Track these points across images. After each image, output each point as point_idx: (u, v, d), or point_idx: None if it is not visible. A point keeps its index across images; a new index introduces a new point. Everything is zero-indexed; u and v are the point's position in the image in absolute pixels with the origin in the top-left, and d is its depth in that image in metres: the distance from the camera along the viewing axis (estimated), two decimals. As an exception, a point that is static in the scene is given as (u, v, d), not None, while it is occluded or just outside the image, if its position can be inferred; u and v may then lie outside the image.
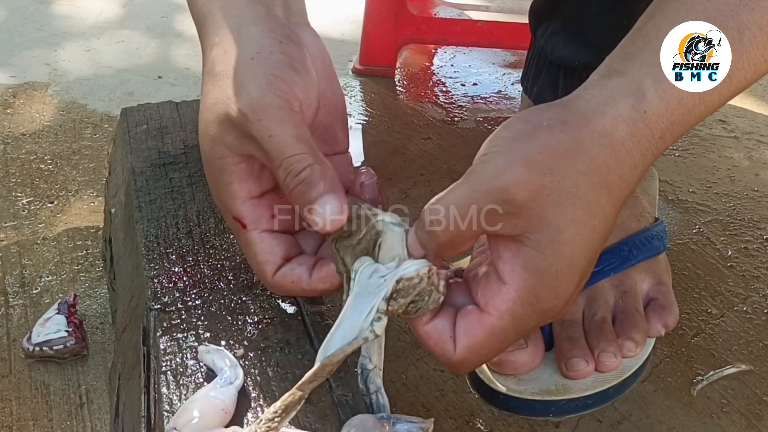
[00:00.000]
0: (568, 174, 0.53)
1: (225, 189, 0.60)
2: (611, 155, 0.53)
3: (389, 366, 0.81)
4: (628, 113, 0.53)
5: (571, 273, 0.54)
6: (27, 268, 0.98)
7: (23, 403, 0.81)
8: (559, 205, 0.52)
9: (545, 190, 0.52)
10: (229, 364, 0.61)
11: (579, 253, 0.53)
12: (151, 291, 0.70)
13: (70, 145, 1.22)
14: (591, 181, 0.53)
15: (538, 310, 0.54)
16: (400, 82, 1.44)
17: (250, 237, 0.60)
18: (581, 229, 0.53)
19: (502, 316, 0.54)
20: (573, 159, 0.53)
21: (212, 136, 0.59)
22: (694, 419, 0.78)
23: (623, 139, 0.53)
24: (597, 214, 0.53)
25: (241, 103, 0.57)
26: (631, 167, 0.54)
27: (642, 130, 0.54)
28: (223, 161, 0.59)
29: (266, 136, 0.56)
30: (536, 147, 0.53)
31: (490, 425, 0.77)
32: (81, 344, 0.85)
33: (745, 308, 0.92)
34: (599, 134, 0.53)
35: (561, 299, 0.54)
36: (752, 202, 1.10)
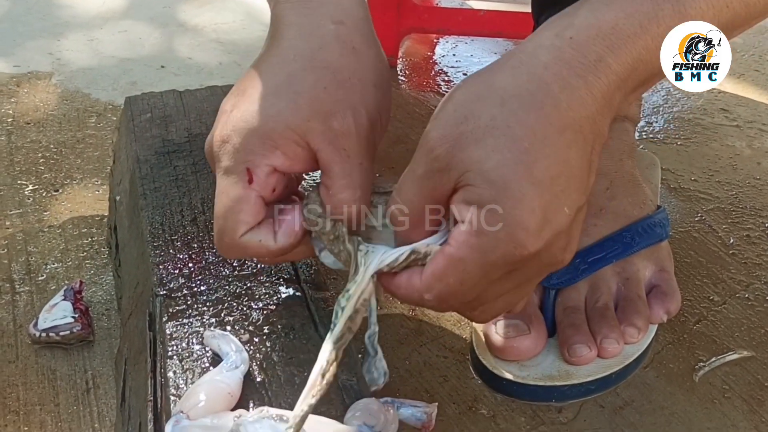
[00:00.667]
0: (483, 112, 0.53)
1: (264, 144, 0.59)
2: (530, 80, 0.53)
3: (392, 352, 0.82)
4: (550, 42, 0.53)
5: (513, 198, 0.52)
6: (33, 255, 0.98)
7: (30, 389, 0.81)
8: (478, 141, 0.52)
9: (464, 135, 0.53)
10: (234, 349, 0.61)
11: (513, 177, 0.52)
12: (157, 277, 0.71)
13: (75, 134, 1.23)
14: (509, 109, 0.52)
15: (493, 239, 0.53)
16: (402, 72, 1.44)
17: (247, 194, 0.59)
18: (506, 154, 0.52)
19: (459, 246, 0.54)
20: (486, 99, 0.53)
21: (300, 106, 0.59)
22: (696, 405, 0.79)
23: (545, 64, 0.53)
24: (524, 137, 0.52)
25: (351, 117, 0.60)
26: (564, 87, 0.53)
27: (568, 54, 0.53)
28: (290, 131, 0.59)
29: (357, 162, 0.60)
30: (451, 105, 0.54)
31: (492, 410, 0.77)
32: (87, 330, 0.86)
33: (747, 295, 0.92)
34: (512, 66, 0.53)
35: (514, 227, 0.52)
36: (754, 190, 1.11)
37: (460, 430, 0.75)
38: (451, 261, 0.54)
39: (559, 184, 0.53)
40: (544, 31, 0.55)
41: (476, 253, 0.54)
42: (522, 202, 0.52)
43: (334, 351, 0.55)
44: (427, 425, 0.60)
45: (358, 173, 0.59)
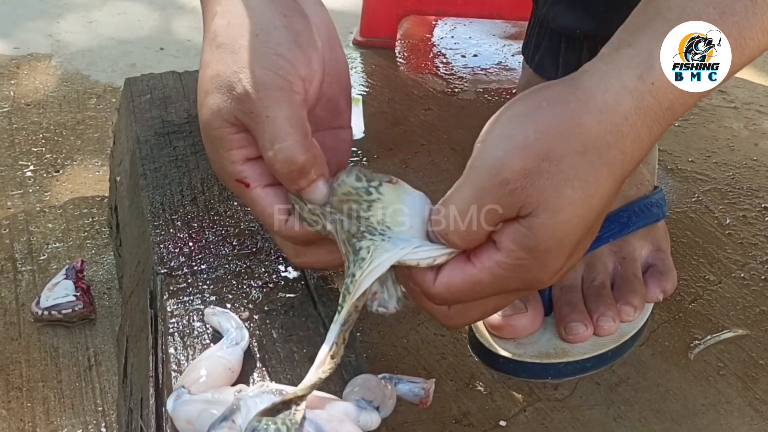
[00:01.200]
0: (566, 156, 0.52)
1: (224, 156, 0.60)
2: (611, 132, 0.52)
3: (391, 331, 0.83)
4: (634, 85, 0.53)
5: (562, 250, 0.54)
6: (34, 235, 0.99)
7: (33, 365, 0.82)
8: (557, 188, 0.52)
9: (543, 175, 0.52)
10: (234, 326, 0.62)
11: (572, 232, 0.53)
12: (158, 256, 0.72)
13: (75, 116, 1.23)
14: (590, 161, 0.52)
15: (521, 278, 0.54)
16: (400, 54, 1.44)
17: (254, 193, 0.61)
18: (578, 209, 0.53)
19: (483, 270, 0.54)
20: (570, 140, 0.52)
21: (210, 106, 0.59)
22: (691, 382, 0.80)
23: (627, 113, 0.52)
24: (596, 194, 0.53)
25: (243, 81, 0.57)
26: (635, 141, 0.53)
27: (648, 102, 0.53)
28: (221, 130, 0.59)
29: (263, 115, 0.57)
30: (533, 132, 0.53)
31: (489, 387, 0.78)
32: (89, 308, 0.87)
33: (743, 275, 0.93)
34: (600, 110, 0.53)
35: (547, 272, 0.54)
36: (751, 171, 1.11)
37: (458, 406, 0.76)
38: (470, 282, 0.55)
39: (593, 232, 0.56)
40: (626, 68, 0.53)
41: (497, 282, 0.55)
42: (567, 252, 0.54)
43: (342, 333, 0.56)
44: (425, 401, 0.61)
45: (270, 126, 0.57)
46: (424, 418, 0.75)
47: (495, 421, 0.75)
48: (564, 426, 0.75)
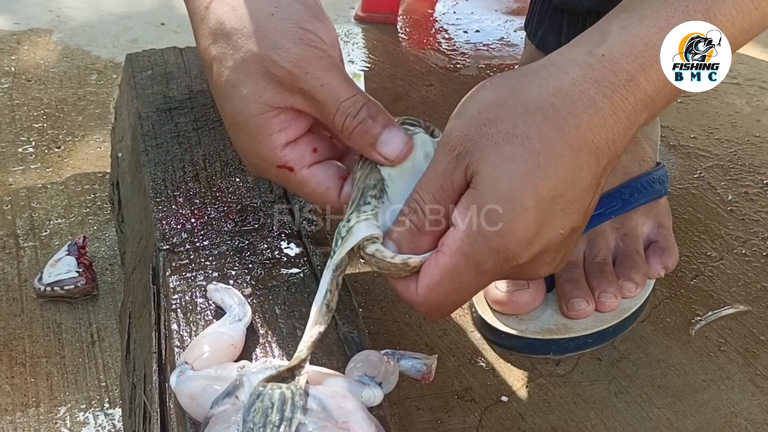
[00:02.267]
0: (506, 118, 0.53)
1: (263, 143, 0.60)
2: (556, 94, 0.52)
3: (393, 306, 0.83)
4: (582, 58, 0.53)
5: (513, 210, 0.52)
6: (36, 211, 0.99)
7: (36, 341, 0.83)
8: (496, 145, 0.52)
9: (484, 137, 0.53)
10: (237, 302, 0.62)
11: (519, 189, 0.52)
12: (160, 232, 0.72)
13: (76, 91, 1.23)
14: (532, 120, 0.52)
15: (486, 248, 0.53)
16: (402, 29, 1.44)
17: (300, 176, 0.61)
18: (520, 164, 0.52)
19: (453, 254, 0.54)
20: (511, 105, 0.53)
21: (245, 96, 0.58)
22: (692, 358, 0.80)
23: (574, 80, 0.52)
24: (541, 151, 0.52)
25: (282, 61, 0.57)
26: (589, 107, 0.52)
27: (600, 72, 0.52)
28: (262, 117, 0.59)
29: (317, 86, 0.57)
30: (476, 105, 0.54)
31: (491, 363, 0.79)
32: (91, 284, 0.87)
33: (744, 251, 0.93)
34: (541, 78, 0.53)
35: (508, 239, 0.53)
36: (753, 147, 1.11)
37: (460, 382, 0.77)
38: (446, 271, 0.55)
39: (560, 203, 0.53)
40: (576, 46, 0.54)
41: (469, 261, 0.54)
42: (521, 215, 0.52)
43: (334, 279, 0.57)
44: (427, 377, 0.61)
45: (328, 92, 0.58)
46: (426, 394, 0.75)
47: (497, 396, 0.76)
48: (565, 401, 0.75)
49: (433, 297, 0.56)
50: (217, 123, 0.84)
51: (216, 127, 0.83)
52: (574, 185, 0.53)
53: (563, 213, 0.54)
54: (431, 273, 0.56)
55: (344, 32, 1.41)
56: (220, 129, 0.83)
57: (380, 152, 0.58)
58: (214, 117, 0.85)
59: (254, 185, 0.76)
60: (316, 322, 0.56)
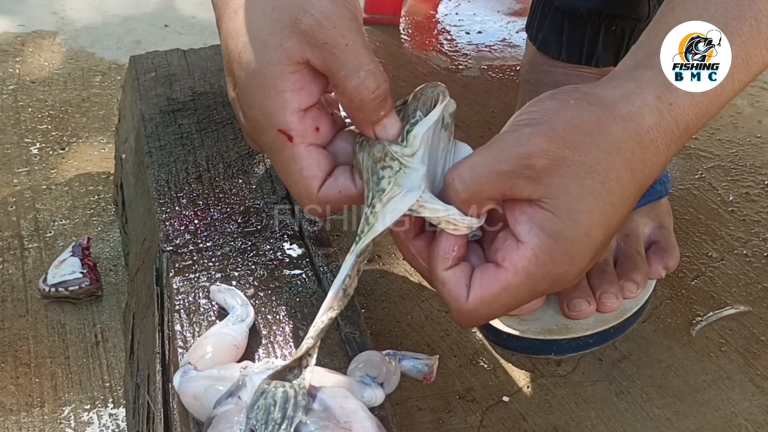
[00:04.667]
0: (591, 150, 0.53)
1: (276, 98, 0.58)
2: (635, 140, 0.54)
3: (395, 307, 0.84)
4: (655, 103, 0.54)
5: (587, 243, 0.54)
6: (41, 212, 1.00)
7: (40, 342, 0.83)
8: (578, 177, 0.53)
9: (566, 162, 0.53)
10: (240, 303, 0.63)
11: (595, 225, 0.54)
12: (163, 233, 0.72)
13: (80, 93, 1.23)
14: (613, 161, 0.54)
15: (551, 273, 0.55)
16: (404, 31, 1.44)
17: (296, 150, 0.59)
18: (599, 202, 0.54)
19: (517, 272, 0.55)
20: (596, 137, 0.54)
21: (266, 42, 0.57)
22: (693, 358, 0.80)
23: (649, 128, 0.54)
24: (617, 192, 0.54)
25: (314, 10, 0.56)
26: (655, 155, 0.55)
27: (668, 122, 0.54)
28: (279, 68, 0.57)
29: (343, 44, 0.56)
30: (561, 122, 0.54)
31: (493, 363, 0.79)
32: (95, 285, 0.88)
33: (745, 252, 0.93)
34: (624, 118, 0.54)
35: (574, 266, 0.55)
36: (755, 148, 1.11)
37: (461, 382, 0.77)
38: (505, 287, 0.56)
39: (613, 235, 0.57)
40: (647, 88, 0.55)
41: (531, 282, 0.55)
42: (591, 248, 0.55)
43: (356, 264, 0.57)
44: (429, 377, 0.61)
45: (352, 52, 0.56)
46: (428, 394, 0.76)
47: (498, 396, 0.76)
48: (566, 401, 0.76)
49: (483, 309, 0.57)
50: (220, 125, 0.84)
51: (219, 129, 0.84)
52: (625, 218, 0.57)
53: (610, 240, 0.58)
54: (488, 286, 0.56)
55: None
56: (223, 131, 0.83)
57: (378, 134, 0.58)
58: (217, 119, 0.85)
59: (257, 187, 0.77)
60: (329, 307, 0.55)
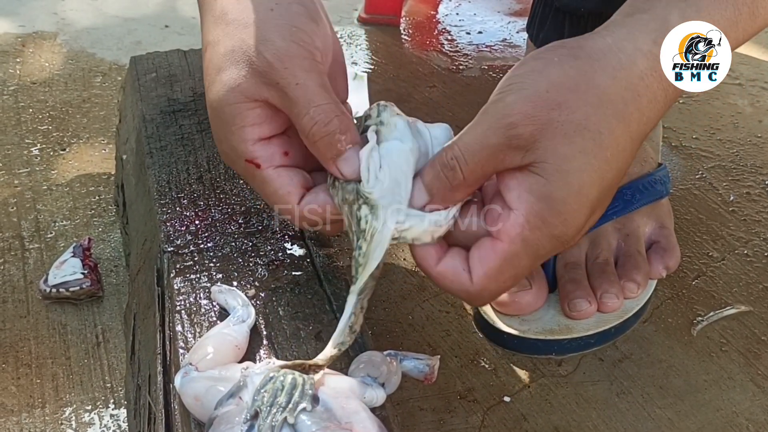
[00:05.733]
0: (579, 107, 0.53)
1: (236, 133, 0.60)
2: (628, 88, 0.53)
3: (396, 307, 0.84)
4: (648, 48, 0.54)
5: (580, 202, 0.54)
6: (41, 213, 1.00)
7: (41, 342, 0.83)
8: (567, 137, 0.53)
9: (553, 124, 0.53)
10: (241, 303, 0.63)
11: (588, 183, 0.53)
12: (164, 234, 0.72)
13: (80, 94, 1.23)
14: (604, 113, 0.53)
15: (548, 235, 0.54)
16: (405, 31, 1.44)
17: (266, 174, 0.61)
18: (591, 160, 0.53)
19: (513, 240, 0.55)
20: (583, 93, 0.53)
21: (226, 82, 0.59)
22: (694, 358, 0.80)
23: (642, 74, 0.53)
24: (610, 146, 0.53)
25: (266, 52, 0.58)
26: (651, 101, 0.54)
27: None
28: (237, 106, 0.59)
29: (293, 83, 0.57)
30: (545, 84, 0.53)
31: (494, 364, 0.79)
32: (96, 286, 0.88)
33: (746, 251, 0.93)
34: (614, 67, 0.53)
35: (570, 227, 0.54)
36: (755, 148, 1.11)
37: (462, 382, 0.77)
38: (506, 259, 0.55)
39: (612, 191, 0.56)
40: (640, 33, 0.54)
41: (529, 247, 0.55)
42: (585, 206, 0.54)
43: (359, 302, 0.57)
44: (430, 377, 0.61)
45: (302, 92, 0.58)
46: (429, 395, 0.76)
47: (499, 397, 0.76)
48: (567, 402, 0.76)
49: (492, 284, 0.56)
50: (221, 125, 0.84)
51: (220, 130, 0.84)
52: (624, 172, 0.56)
53: (610, 197, 0.57)
54: (488, 261, 0.56)
55: (347, 34, 1.42)
56: (223, 131, 0.83)
57: (340, 169, 0.58)
58: (217, 119, 0.85)
59: (258, 187, 0.77)
60: (337, 342, 0.57)
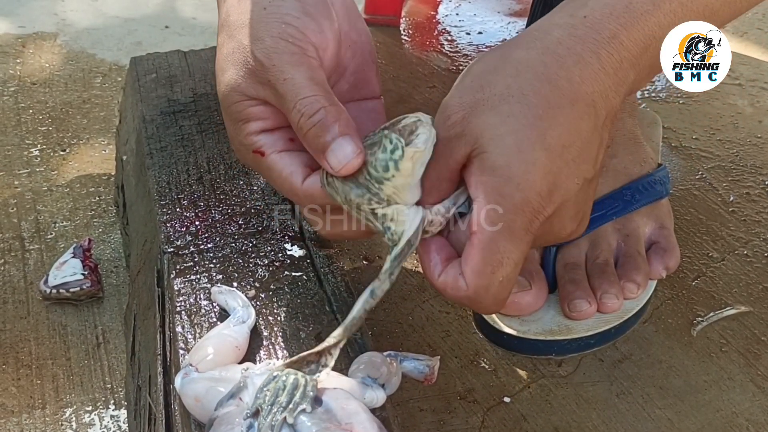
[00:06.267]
0: (499, 81, 0.54)
1: (241, 128, 0.61)
2: (545, 53, 0.54)
3: (396, 308, 0.84)
4: (564, 20, 0.55)
5: (525, 162, 0.53)
6: (42, 214, 1.00)
7: (42, 343, 0.83)
8: (493, 108, 0.53)
9: (479, 103, 0.54)
10: (241, 304, 0.63)
11: (526, 142, 0.53)
12: (165, 235, 0.72)
13: (81, 94, 1.24)
14: (524, 79, 0.54)
15: (510, 207, 0.54)
16: (405, 31, 1.44)
17: (270, 160, 0.60)
18: (521, 119, 0.53)
19: (482, 228, 0.54)
20: (501, 69, 0.54)
21: (227, 83, 0.60)
22: (694, 358, 0.80)
23: (559, 39, 0.54)
24: (539, 105, 0.53)
25: (257, 52, 0.58)
26: (578, 62, 0.54)
27: (582, 31, 0.54)
28: (239, 104, 0.60)
29: (281, 79, 0.57)
30: (468, 76, 0.56)
31: (494, 364, 0.79)
32: (96, 287, 0.88)
33: (746, 252, 0.93)
34: (528, 42, 0.55)
35: (526, 190, 0.53)
36: (755, 148, 1.11)
37: (462, 383, 0.77)
38: (482, 247, 0.55)
39: (570, 152, 0.54)
40: (557, 12, 0.56)
41: (502, 228, 0.54)
42: (535, 165, 0.53)
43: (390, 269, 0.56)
44: (430, 378, 0.61)
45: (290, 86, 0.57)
46: (429, 395, 0.76)
47: (499, 397, 0.76)
48: (567, 402, 0.76)
49: (482, 280, 0.56)
50: (221, 126, 0.84)
51: (220, 130, 0.84)
52: (579, 134, 0.54)
53: (574, 162, 0.55)
54: (471, 256, 0.55)
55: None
56: (223, 132, 0.83)
57: (328, 161, 0.56)
58: (218, 120, 0.85)
59: (258, 188, 0.77)
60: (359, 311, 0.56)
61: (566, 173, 0.55)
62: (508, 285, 0.57)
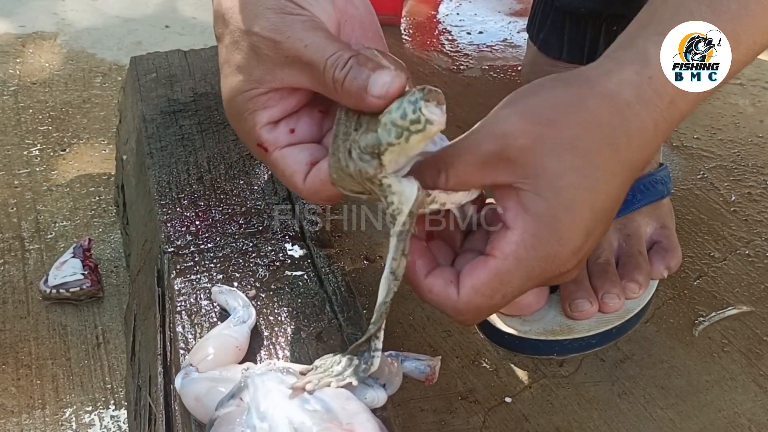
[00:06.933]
0: (569, 126, 0.53)
1: (248, 119, 0.59)
2: (615, 114, 0.54)
3: (397, 308, 0.83)
4: (633, 78, 0.54)
5: (573, 220, 0.54)
6: (42, 213, 0.99)
7: (41, 343, 0.83)
8: (557, 154, 0.53)
9: (543, 139, 0.53)
10: (241, 304, 0.63)
11: (580, 201, 0.54)
12: (165, 235, 0.72)
13: (80, 94, 1.23)
14: (593, 135, 0.53)
15: (542, 255, 0.54)
16: (405, 31, 1.44)
17: (272, 157, 0.60)
18: (580, 178, 0.53)
19: (506, 257, 0.54)
20: (574, 113, 0.54)
21: (236, 72, 0.59)
22: (695, 358, 0.80)
23: (629, 101, 0.54)
24: (599, 167, 0.54)
25: (263, 31, 0.57)
26: (640, 129, 0.54)
27: (648, 94, 0.54)
28: (249, 93, 0.59)
29: (302, 47, 0.56)
30: (537, 101, 0.54)
31: (495, 364, 0.79)
32: (96, 287, 0.87)
33: (748, 252, 0.93)
34: (602, 94, 0.54)
35: (564, 246, 0.54)
36: (756, 148, 1.11)
37: (463, 383, 0.77)
38: (496, 274, 0.55)
39: (607, 215, 0.56)
40: (622, 66, 0.55)
41: (522, 266, 0.55)
42: (579, 227, 0.54)
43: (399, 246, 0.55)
44: (431, 378, 0.61)
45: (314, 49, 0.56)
46: (430, 395, 0.76)
47: (500, 397, 0.76)
48: (569, 402, 0.76)
49: (478, 298, 0.56)
50: (221, 125, 0.84)
51: (220, 130, 0.84)
52: (617, 201, 0.56)
53: (604, 224, 0.57)
54: (478, 274, 0.55)
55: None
56: (224, 132, 0.83)
57: (372, 94, 0.54)
58: (218, 119, 0.85)
59: (258, 188, 0.77)
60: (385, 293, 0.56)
61: (596, 234, 0.56)
62: (494, 310, 0.58)
